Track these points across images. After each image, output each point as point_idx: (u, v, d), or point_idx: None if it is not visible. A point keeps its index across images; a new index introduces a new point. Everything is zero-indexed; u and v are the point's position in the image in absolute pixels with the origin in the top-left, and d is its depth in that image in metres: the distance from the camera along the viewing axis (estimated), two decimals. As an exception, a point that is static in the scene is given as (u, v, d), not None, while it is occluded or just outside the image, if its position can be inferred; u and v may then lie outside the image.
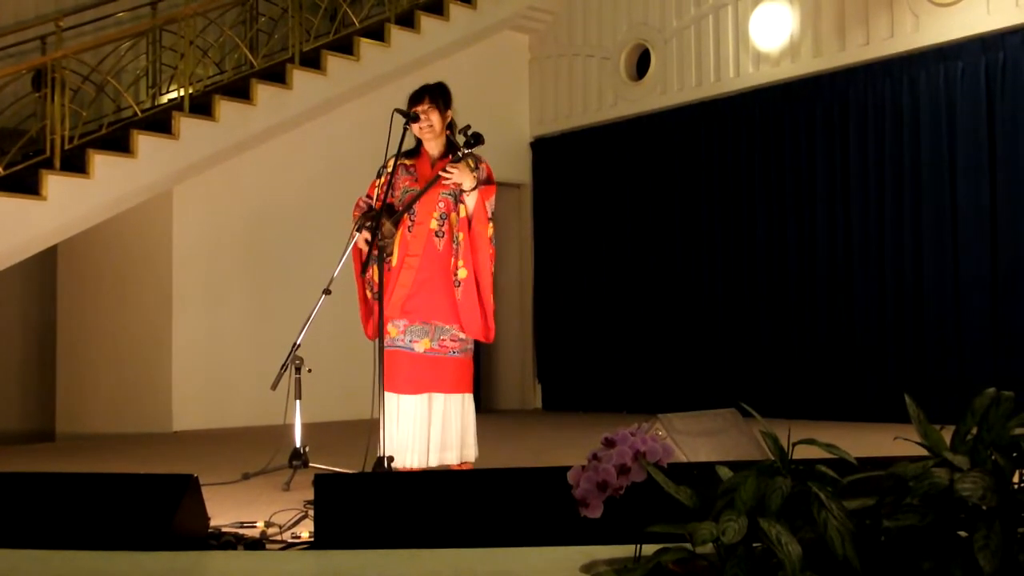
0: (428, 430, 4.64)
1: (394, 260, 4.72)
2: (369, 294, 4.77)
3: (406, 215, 4.70)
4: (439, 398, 4.66)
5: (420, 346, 4.65)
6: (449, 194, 4.71)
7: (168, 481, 3.01)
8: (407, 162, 4.80)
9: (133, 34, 8.90)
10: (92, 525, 2.95)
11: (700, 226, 9.72)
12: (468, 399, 4.75)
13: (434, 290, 4.66)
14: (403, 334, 4.66)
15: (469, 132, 4.55)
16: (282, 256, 9.33)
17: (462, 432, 4.69)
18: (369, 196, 4.85)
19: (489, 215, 4.76)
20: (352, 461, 4.94)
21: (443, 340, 4.67)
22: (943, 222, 8.01)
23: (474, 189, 4.66)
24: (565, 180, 10.95)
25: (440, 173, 4.61)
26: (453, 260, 4.68)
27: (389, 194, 4.70)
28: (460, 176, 4.61)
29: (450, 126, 4.84)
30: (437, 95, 4.75)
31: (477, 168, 4.69)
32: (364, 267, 4.66)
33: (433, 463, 4.62)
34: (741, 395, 6.79)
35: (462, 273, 4.67)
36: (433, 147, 4.80)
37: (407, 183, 4.76)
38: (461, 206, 4.71)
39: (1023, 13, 7.66)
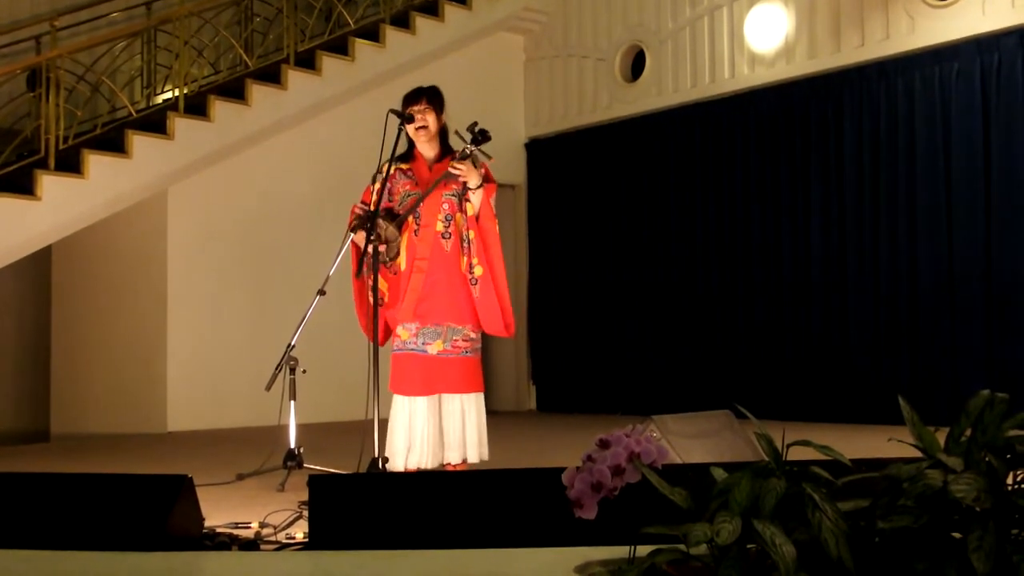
0: (444, 429, 4.62)
1: (402, 265, 4.71)
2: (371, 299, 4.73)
3: (411, 219, 4.69)
4: (454, 398, 4.64)
5: (433, 348, 4.62)
6: (452, 195, 4.69)
7: (163, 482, 3.01)
8: (403, 166, 4.77)
9: (128, 34, 8.90)
10: (87, 526, 2.94)
11: (694, 227, 9.72)
12: (480, 398, 4.73)
13: (445, 292, 4.64)
14: (415, 337, 4.63)
15: (476, 129, 4.52)
16: (277, 256, 9.32)
17: (478, 430, 4.68)
18: (364, 202, 4.80)
19: (494, 212, 4.75)
20: (347, 462, 4.94)
21: (456, 341, 4.65)
22: (938, 223, 8.02)
23: (479, 187, 4.64)
24: (560, 181, 10.95)
25: (451, 166, 4.57)
26: (466, 259, 4.66)
27: (386, 199, 4.69)
28: (467, 173, 4.59)
29: (443, 131, 4.82)
30: (434, 97, 4.74)
31: (478, 166, 4.68)
32: (359, 269, 4.64)
33: (453, 460, 4.61)
34: (735, 396, 6.77)
35: (478, 271, 4.65)
36: (427, 149, 4.78)
37: (407, 187, 4.73)
38: (467, 204, 4.67)
39: (1018, 15, 7.68)
